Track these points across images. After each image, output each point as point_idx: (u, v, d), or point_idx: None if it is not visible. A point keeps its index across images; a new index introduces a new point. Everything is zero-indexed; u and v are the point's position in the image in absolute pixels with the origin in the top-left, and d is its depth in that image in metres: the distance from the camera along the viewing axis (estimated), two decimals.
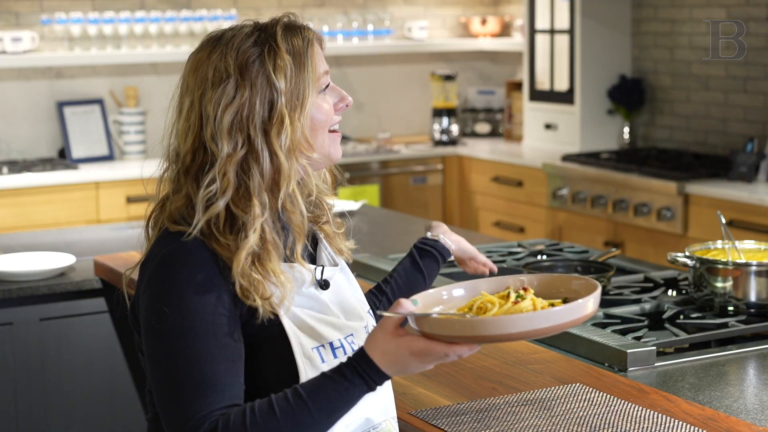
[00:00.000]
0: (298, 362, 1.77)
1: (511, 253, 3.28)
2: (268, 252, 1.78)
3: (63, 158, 5.59)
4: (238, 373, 1.73)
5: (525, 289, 1.72)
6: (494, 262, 3.19)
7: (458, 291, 1.79)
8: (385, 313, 1.66)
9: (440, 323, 1.63)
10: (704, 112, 5.40)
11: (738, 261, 2.61)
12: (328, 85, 1.88)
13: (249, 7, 6.06)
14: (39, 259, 3.40)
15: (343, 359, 1.79)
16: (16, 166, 5.29)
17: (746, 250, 2.71)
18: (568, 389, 2.17)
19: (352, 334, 1.87)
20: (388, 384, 1.92)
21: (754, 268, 2.57)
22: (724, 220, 2.78)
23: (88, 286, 3.34)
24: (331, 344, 1.82)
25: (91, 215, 5.19)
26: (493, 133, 6.52)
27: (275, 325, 1.78)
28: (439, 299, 1.78)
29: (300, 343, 1.79)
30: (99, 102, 5.71)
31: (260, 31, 1.84)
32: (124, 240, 3.79)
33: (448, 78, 6.24)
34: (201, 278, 1.73)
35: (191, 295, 1.72)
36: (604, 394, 2.13)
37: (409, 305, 1.66)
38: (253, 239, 1.75)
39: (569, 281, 1.77)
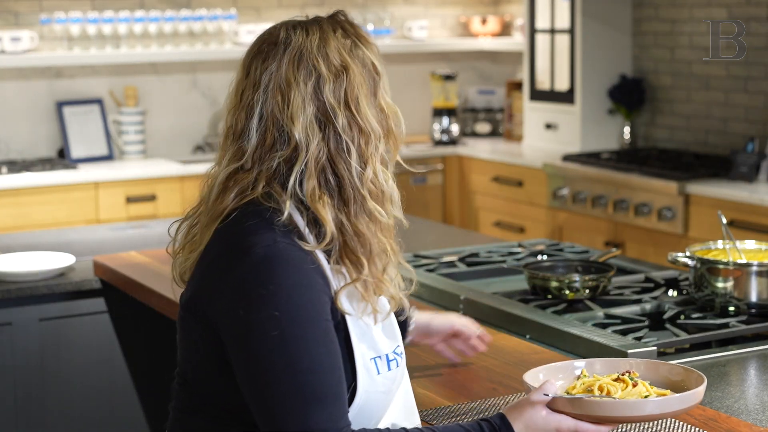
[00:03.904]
0: (358, 371, 1.76)
1: (511, 253, 3.28)
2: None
3: (62, 158, 5.58)
4: (345, 382, 1.72)
5: (630, 372, 1.84)
6: (494, 262, 3.20)
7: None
8: (538, 396, 1.74)
9: (591, 404, 1.72)
10: (705, 112, 5.39)
11: (739, 261, 2.60)
12: None
13: (249, 7, 6.06)
14: (38, 259, 3.39)
15: (397, 372, 1.81)
16: (16, 166, 5.29)
17: (747, 250, 2.71)
18: None
19: (399, 345, 1.86)
20: (409, 389, 1.92)
21: (754, 269, 2.57)
22: (724, 220, 2.78)
23: (88, 286, 3.34)
24: (386, 356, 1.81)
25: (90, 215, 5.19)
26: (494, 133, 6.52)
27: (341, 329, 1.76)
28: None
29: (361, 352, 1.77)
30: (98, 102, 5.70)
31: (336, 24, 1.81)
32: (123, 240, 3.79)
33: (448, 78, 6.23)
34: (305, 281, 1.70)
35: (301, 298, 1.68)
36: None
37: (554, 386, 1.76)
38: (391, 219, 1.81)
39: (670, 369, 1.88)
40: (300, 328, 1.67)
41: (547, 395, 1.74)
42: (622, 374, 1.82)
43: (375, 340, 1.79)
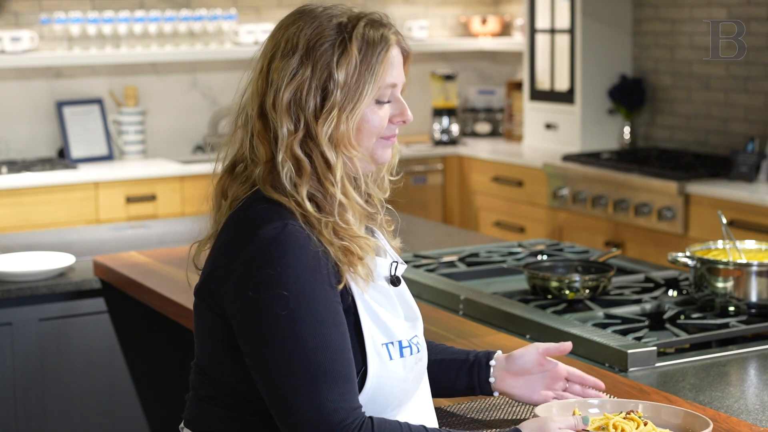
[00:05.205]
0: (368, 355, 1.76)
1: (511, 253, 3.28)
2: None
3: (62, 158, 5.58)
4: (354, 365, 1.73)
5: (636, 411, 1.84)
6: (494, 262, 3.19)
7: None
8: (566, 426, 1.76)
9: None
10: (705, 112, 5.39)
11: (739, 261, 2.60)
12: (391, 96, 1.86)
13: (249, 7, 6.05)
14: (38, 259, 3.39)
15: (410, 359, 1.81)
16: (16, 166, 5.29)
17: (747, 250, 2.71)
18: None
19: (416, 336, 1.87)
20: (427, 392, 1.92)
21: (754, 268, 2.57)
22: (724, 220, 2.78)
23: (88, 286, 3.34)
24: (399, 342, 1.82)
25: (90, 215, 5.19)
26: (494, 133, 6.52)
27: (350, 314, 1.77)
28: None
29: (372, 337, 1.78)
30: (98, 102, 5.70)
31: (346, 19, 1.81)
32: (123, 240, 3.79)
33: (449, 78, 6.23)
34: (313, 264, 1.71)
35: (309, 279, 1.70)
36: (605, 395, 2.12)
37: (580, 421, 1.77)
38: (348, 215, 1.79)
39: (678, 414, 1.86)
40: (308, 308, 1.69)
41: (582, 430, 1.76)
42: (629, 413, 1.82)
43: (387, 326, 1.80)
